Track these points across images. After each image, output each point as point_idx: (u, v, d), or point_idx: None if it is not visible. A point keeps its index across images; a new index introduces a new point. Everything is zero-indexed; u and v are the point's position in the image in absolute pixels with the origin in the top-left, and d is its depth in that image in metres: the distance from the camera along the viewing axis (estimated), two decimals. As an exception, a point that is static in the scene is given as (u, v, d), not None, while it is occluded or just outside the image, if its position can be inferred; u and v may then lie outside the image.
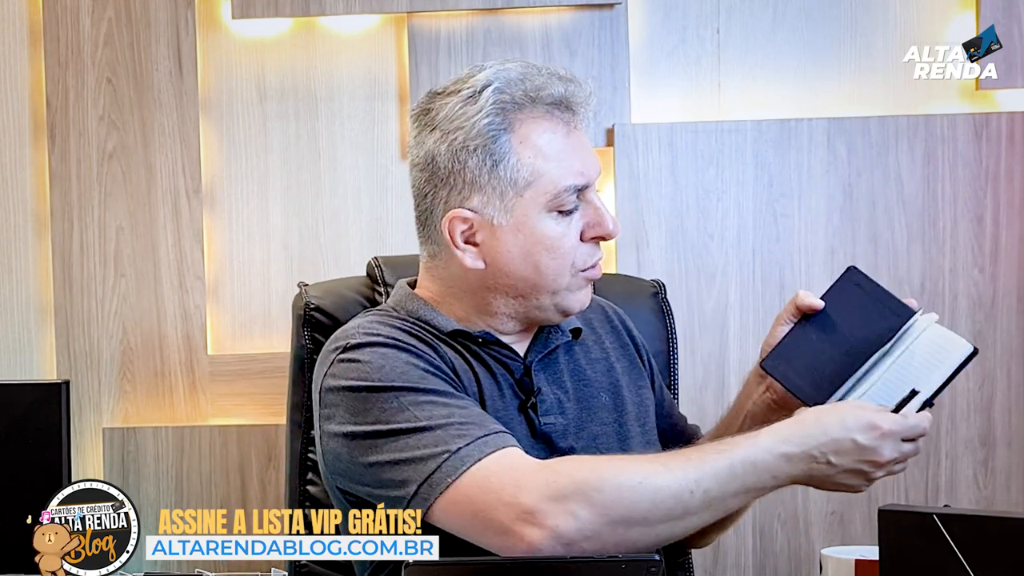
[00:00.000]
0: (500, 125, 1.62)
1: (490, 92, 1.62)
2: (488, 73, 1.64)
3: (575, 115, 1.65)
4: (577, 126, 1.66)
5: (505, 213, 1.63)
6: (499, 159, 1.62)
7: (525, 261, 1.64)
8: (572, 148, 1.64)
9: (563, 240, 1.64)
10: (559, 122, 1.64)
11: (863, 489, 1.55)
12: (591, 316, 1.80)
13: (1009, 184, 2.75)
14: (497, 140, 1.62)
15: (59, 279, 2.83)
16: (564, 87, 1.64)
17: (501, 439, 1.52)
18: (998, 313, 2.75)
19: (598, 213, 1.65)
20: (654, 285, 2.11)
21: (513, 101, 1.62)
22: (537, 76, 1.64)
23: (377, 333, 1.63)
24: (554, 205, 1.63)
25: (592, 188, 1.66)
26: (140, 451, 2.80)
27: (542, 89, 1.63)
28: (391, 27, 2.83)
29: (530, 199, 1.62)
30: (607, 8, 2.78)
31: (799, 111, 2.79)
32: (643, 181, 2.77)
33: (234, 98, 2.84)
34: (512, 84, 1.63)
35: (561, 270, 1.65)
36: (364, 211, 2.83)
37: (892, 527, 1.35)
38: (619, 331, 1.83)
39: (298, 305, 2.00)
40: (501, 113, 1.62)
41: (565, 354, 1.75)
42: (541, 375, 1.69)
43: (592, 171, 1.66)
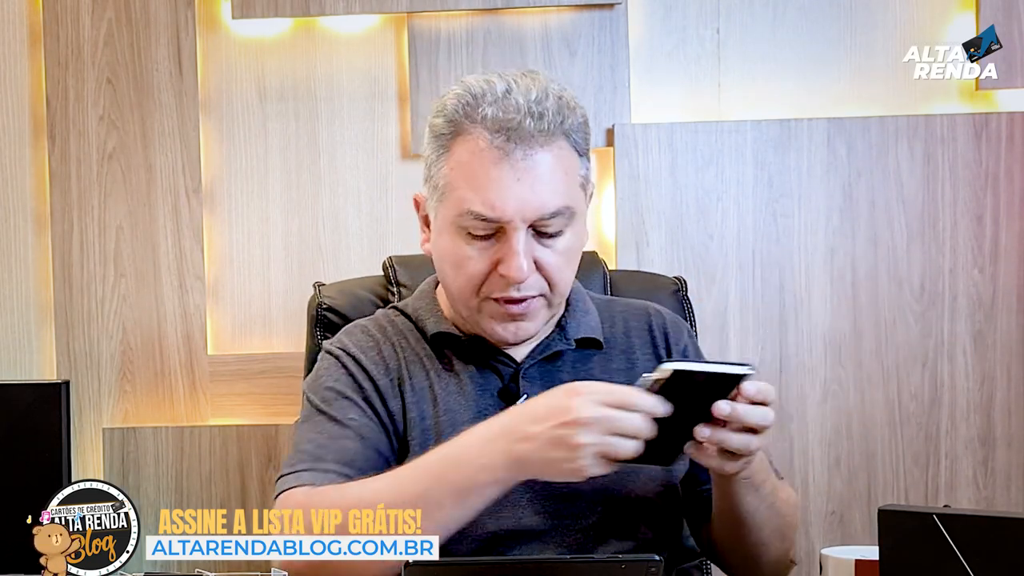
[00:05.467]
0: (447, 129, 1.62)
1: (451, 96, 1.63)
2: (473, 78, 1.64)
3: (511, 145, 1.57)
4: (521, 158, 1.57)
5: (434, 212, 1.67)
6: (434, 160, 1.64)
7: (440, 266, 1.68)
8: (493, 178, 1.57)
9: (467, 263, 1.62)
10: (495, 149, 1.58)
11: (580, 467, 1.42)
12: (630, 323, 1.77)
13: (1009, 184, 2.75)
14: (440, 142, 1.63)
15: (59, 279, 2.83)
16: (512, 116, 1.57)
17: (303, 477, 1.59)
18: (998, 313, 2.75)
19: (509, 252, 1.58)
20: (675, 282, 2.09)
21: (461, 112, 1.61)
22: (500, 95, 1.59)
23: (341, 343, 1.73)
24: (460, 224, 1.61)
25: (515, 226, 1.58)
26: (140, 451, 2.80)
27: (489, 110, 1.58)
28: (391, 27, 2.83)
29: (446, 209, 1.63)
30: (607, 8, 2.78)
31: (799, 111, 2.79)
32: (643, 181, 2.77)
33: (234, 98, 2.85)
34: (472, 95, 1.61)
35: (464, 289, 1.63)
36: (364, 211, 2.84)
37: (892, 527, 1.35)
38: (656, 342, 1.77)
39: (312, 305, 2.02)
40: (450, 121, 1.62)
41: (576, 362, 1.72)
42: (536, 381, 1.68)
43: (509, 209, 1.57)
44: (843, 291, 2.77)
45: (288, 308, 2.84)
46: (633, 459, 1.44)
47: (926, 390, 2.76)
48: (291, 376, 2.80)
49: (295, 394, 2.80)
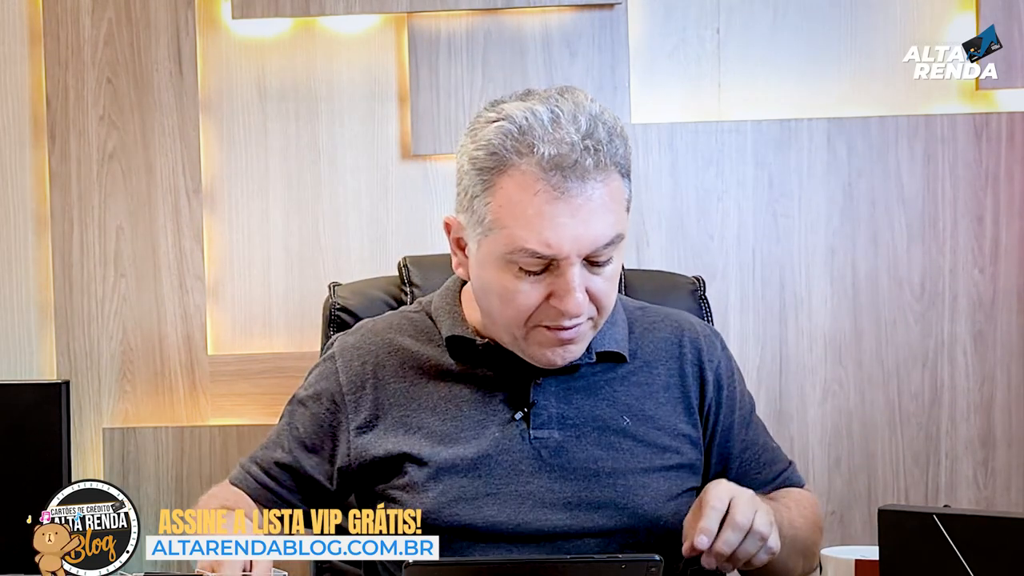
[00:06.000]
0: (491, 163, 1.57)
1: (493, 129, 1.58)
2: (515, 106, 1.58)
3: (568, 183, 1.54)
4: (577, 195, 1.54)
5: (475, 243, 1.63)
6: (477, 194, 1.59)
7: (484, 296, 1.65)
8: (548, 216, 1.54)
9: (517, 296, 1.59)
10: (547, 187, 1.54)
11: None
12: (659, 336, 1.75)
13: (1009, 184, 2.75)
14: (483, 176, 1.59)
15: (59, 279, 2.83)
16: (566, 150, 1.54)
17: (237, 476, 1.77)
18: (998, 313, 2.75)
19: (564, 287, 1.56)
20: (693, 281, 2.08)
21: (509, 148, 1.56)
22: (548, 128, 1.55)
23: (343, 341, 1.77)
24: (510, 260, 1.57)
25: (571, 261, 1.55)
26: (140, 451, 2.80)
27: (540, 147, 1.54)
28: (391, 27, 2.83)
29: (492, 244, 1.59)
30: (607, 8, 2.78)
31: (799, 111, 2.79)
32: (643, 181, 2.77)
33: (234, 98, 2.84)
34: (519, 128, 1.56)
35: (513, 321, 1.61)
36: (364, 211, 2.83)
37: (892, 527, 1.35)
38: (686, 358, 1.74)
39: (326, 305, 2.03)
40: (497, 153, 1.57)
41: (595, 375, 1.71)
42: (550, 390, 1.68)
43: (566, 247, 1.54)
44: (843, 291, 2.77)
45: (288, 308, 2.84)
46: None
47: (926, 390, 2.76)
48: (291, 376, 2.80)
49: (295, 394, 2.81)
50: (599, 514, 1.64)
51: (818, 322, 2.77)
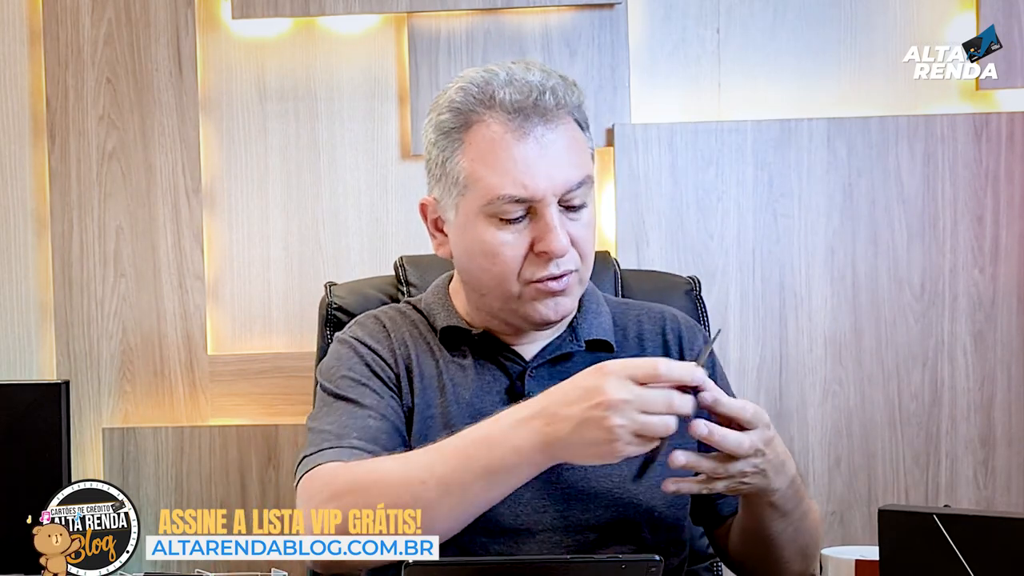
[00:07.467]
0: (454, 123, 1.62)
1: (454, 90, 1.63)
2: (472, 71, 1.65)
3: (531, 123, 1.59)
4: (542, 134, 1.59)
5: (453, 210, 1.65)
6: (448, 156, 1.64)
7: (470, 262, 1.67)
8: (519, 158, 1.58)
9: (503, 248, 1.61)
10: (513, 129, 1.59)
11: (613, 449, 1.40)
12: (644, 327, 1.76)
13: (1009, 184, 2.75)
14: (449, 137, 1.63)
15: (59, 279, 2.83)
16: (526, 92, 1.59)
17: (327, 455, 1.57)
18: (998, 313, 2.75)
19: (546, 228, 1.59)
20: (689, 281, 2.09)
21: (472, 101, 1.61)
22: (506, 80, 1.61)
23: (354, 332, 1.74)
24: (491, 212, 1.60)
25: (547, 202, 1.59)
26: (140, 451, 2.80)
27: (499, 92, 1.60)
28: (391, 27, 2.83)
29: (471, 201, 1.62)
30: (607, 8, 2.78)
31: (799, 111, 2.79)
32: (643, 181, 2.77)
33: (234, 98, 2.85)
34: (478, 85, 1.62)
35: (503, 278, 1.63)
36: (364, 211, 2.83)
37: (892, 527, 1.35)
38: (670, 347, 1.75)
39: (323, 304, 2.03)
40: (459, 112, 1.62)
41: (586, 364, 1.69)
42: (543, 380, 1.67)
43: (541, 186, 1.58)
44: (843, 291, 2.77)
45: (288, 308, 2.84)
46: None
47: (926, 390, 2.76)
48: (291, 376, 2.80)
49: (295, 394, 2.81)
50: (593, 503, 1.64)
51: (818, 322, 2.77)
